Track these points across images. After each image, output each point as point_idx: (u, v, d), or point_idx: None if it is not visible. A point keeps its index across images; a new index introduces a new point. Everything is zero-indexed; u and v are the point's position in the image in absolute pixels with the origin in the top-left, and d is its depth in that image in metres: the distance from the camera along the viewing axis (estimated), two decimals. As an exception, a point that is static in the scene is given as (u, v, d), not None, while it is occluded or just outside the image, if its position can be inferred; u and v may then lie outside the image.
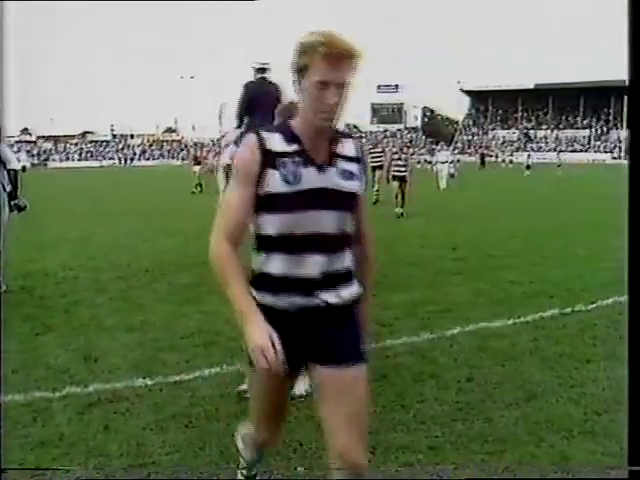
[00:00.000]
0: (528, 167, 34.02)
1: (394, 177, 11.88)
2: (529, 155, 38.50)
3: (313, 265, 1.61)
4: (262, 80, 5.27)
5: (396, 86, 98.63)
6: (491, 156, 78.58)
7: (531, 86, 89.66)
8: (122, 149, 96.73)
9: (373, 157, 14.33)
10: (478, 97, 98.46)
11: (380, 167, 14.05)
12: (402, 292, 5.66)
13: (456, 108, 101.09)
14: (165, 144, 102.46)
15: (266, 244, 1.63)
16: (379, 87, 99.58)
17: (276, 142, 1.58)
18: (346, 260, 1.68)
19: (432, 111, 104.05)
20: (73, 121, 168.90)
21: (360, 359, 1.64)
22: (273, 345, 1.47)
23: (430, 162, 23.27)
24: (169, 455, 2.67)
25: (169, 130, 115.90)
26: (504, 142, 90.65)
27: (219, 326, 4.59)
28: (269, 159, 1.56)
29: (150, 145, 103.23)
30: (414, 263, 7.12)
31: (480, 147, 72.92)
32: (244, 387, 3.00)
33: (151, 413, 3.11)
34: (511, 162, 54.21)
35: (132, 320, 4.79)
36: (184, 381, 3.52)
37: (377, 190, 14.10)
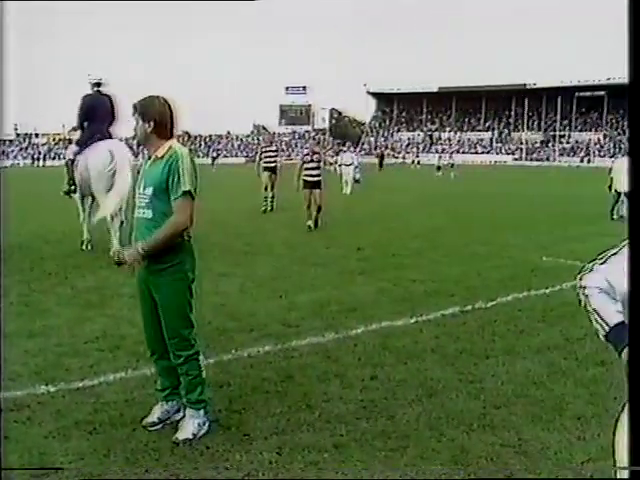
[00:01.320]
0: (439, 168, 35.16)
1: (305, 183, 10.29)
2: (440, 157, 39.30)
3: None
4: (97, 92, 7.50)
5: (304, 88, 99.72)
6: (396, 157, 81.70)
7: (435, 89, 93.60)
8: (26, 148, 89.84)
9: (266, 157, 13.02)
10: (384, 99, 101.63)
11: (273, 169, 12.92)
12: (308, 292, 5.81)
13: (363, 110, 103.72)
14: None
15: None
16: (287, 89, 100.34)
17: None
18: None
19: (340, 113, 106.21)
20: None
21: None
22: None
23: (335, 163, 22.58)
24: (72, 463, 2.63)
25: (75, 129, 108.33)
26: (409, 144, 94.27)
27: (124, 330, 4.50)
28: None
29: (56, 144, 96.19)
30: (320, 264, 7.30)
31: (382, 148, 75.21)
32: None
33: (53, 421, 3.03)
34: (419, 163, 56.61)
35: (34, 325, 4.61)
36: (88, 387, 3.46)
37: (272, 197, 13.04)
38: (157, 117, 2.84)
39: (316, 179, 10.29)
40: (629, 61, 1.52)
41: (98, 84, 7.60)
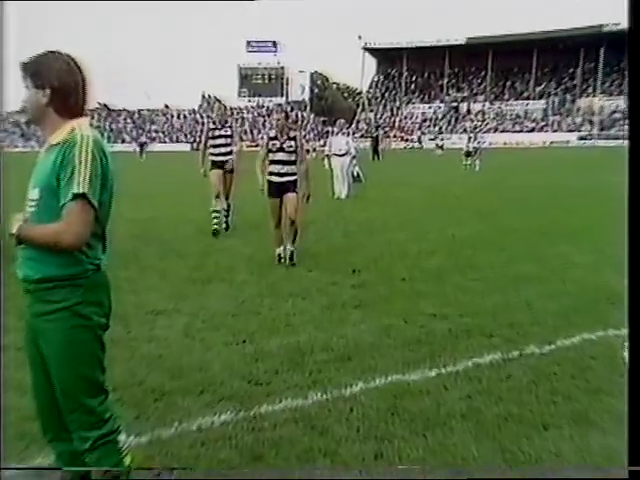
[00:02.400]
0: (469, 154, 35.13)
1: (272, 186, 8.94)
2: (470, 137, 38.75)
3: None
4: None
5: (274, 43, 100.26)
6: (407, 140, 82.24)
7: (462, 41, 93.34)
8: None
9: (215, 146, 11.48)
10: (388, 58, 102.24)
11: (227, 166, 11.53)
12: (283, 335, 5.85)
13: (358, 74, 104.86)
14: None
15: None
16: (249, 44, 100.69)
17: None
18: None
19: (326, 78, 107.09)
20: None
21: None
22: None
23: (323, 152, 21.70)
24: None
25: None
26: (425, 120, 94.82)
27: (6, 399, 4.42)
28: None
29: None
30: (299, 294, 7.35)
31: (379, 128, 75.28)
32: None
33: None
34: (441, 147, 57.02)
35: None
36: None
37: (226, 210, 11.82)
38: (56, 83, 2.72)
39: (288, 179, 8.90)
40: (629, 60, 1.69)
41: None
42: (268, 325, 6.18)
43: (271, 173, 8.94)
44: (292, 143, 8.86)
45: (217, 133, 11.50)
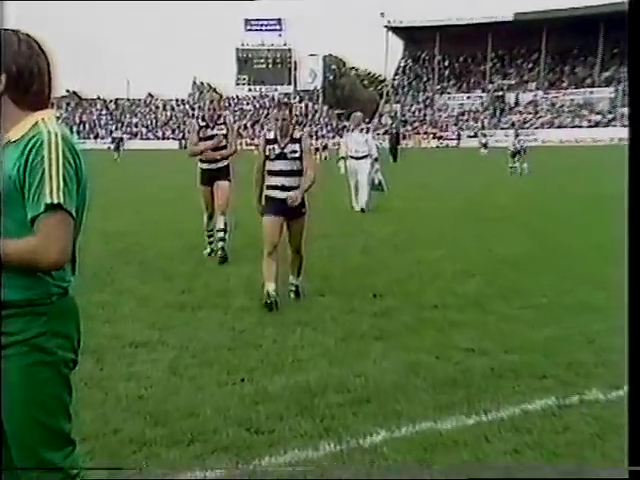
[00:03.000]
0: (515, 155, 34.96)
1: (270, 203, 8.27)
2: (518, 135, 38.69)
3: None
4: None
5: (279, 21, 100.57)
6: (439, 137, 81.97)
7: (509, 17, 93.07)
8: None
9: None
10: (417, 39, 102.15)
11: (221, 174, 11.03)
12: (289, 373, 5.89)
13: (381, 57, 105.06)
14: None
15: None
16: (248, 22, 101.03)
17: None
18: None
19: (342, 63, 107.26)
20: None
21: None
22: None
23: (337, 153, 21.14)
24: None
25: None
26: (463, 113, 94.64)
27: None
28: None
29: None
30: (308, 323, 7.41)
31: (406, 123, 74.85)
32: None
33: None
34: (485, 146, 57.07)
35: None
36: None
37: (222, 231, 10.94)
38: (14, 68, 2.70)
39: (287, 193, 8.07)
40: (629, 60, 1.73)
41: None
42: (271, 361, 6.20)
43: (270, 187, 8.26)
44: (296, 147, 8.14)
45: (209, 133, 10.82)
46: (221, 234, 10.92)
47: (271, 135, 8.32)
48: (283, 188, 8.17)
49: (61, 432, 2.85)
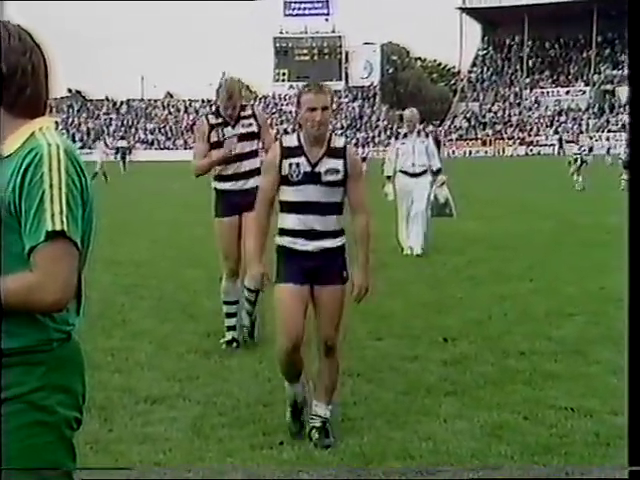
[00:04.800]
0: (627, 167, 34.70)
1: (289, 263, 5.97)
2: None
3: None
4: None
5: (325, 2, 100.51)
6: (529, 144, 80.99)
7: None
8: None
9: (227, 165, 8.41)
10: (500, 21, 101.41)
11: (254, 195, 6.65)
12: (345, 433, 5.95)
13: (454, 45, 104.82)
14: None
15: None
16: (289, 5, 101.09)
17: None
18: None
19: (405, 52, 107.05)
20: None
21: None
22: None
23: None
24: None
25: None
26: (561, 112, 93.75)
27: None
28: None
29: None
30: (362, 373, 7.44)
31: (485, 126, 74.19)
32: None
33: None
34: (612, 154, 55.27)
35: None
36: None
37: (252, 295, 8.48)
38: (5, 67, 2.70)
39: (326, 245, 5.95)
40: (630, 61, 1.79)
41: None
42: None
43: (286, 231, 5.97)
44: (338, 164, 5.86)
45: (229, 134, 8.33)
46: (251, 297, 8.48)
47: (292, 142, 5.98)
48: (311, 234, 5.87)
49: None
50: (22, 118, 2.74)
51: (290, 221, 5.92)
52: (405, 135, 16.18)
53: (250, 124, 8.43)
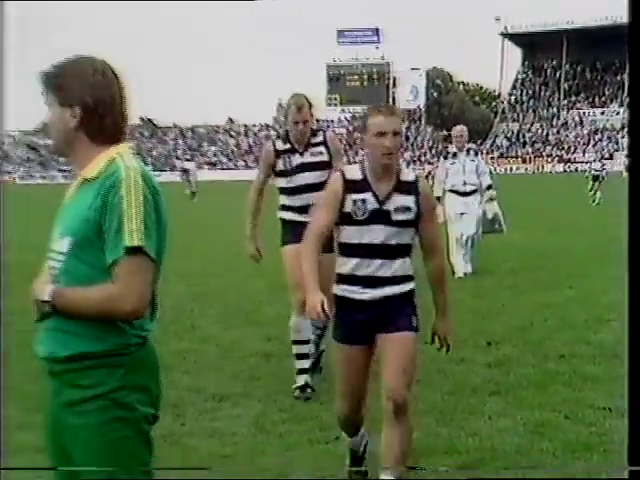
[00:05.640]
0: None
1: (343, 313, 4.82)
2: None
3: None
4: None
5: (375, 31, 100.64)
6: (567, 160, 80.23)
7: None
8: None
9: (293, 189, 7.25)
10: (539, 46, 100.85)
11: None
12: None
13: (495, 69, 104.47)
14: None
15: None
16: (342, 34, 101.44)
17: None
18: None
19: (449, 77, 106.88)
20: None
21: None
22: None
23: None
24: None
25: None
26: (597, 131, 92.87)
27: None
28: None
29: None
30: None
31: (525, 144, 73.26)
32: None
33: None
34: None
35: None
36: None
37: (319, 332, 7.41)
38: (88, 99, 2.81)
39: (391, 291, 4.73)
40: (630, 61, 1.81)
41: None
42: (370, 417, 6.15)
43: (345, 279, 4.76)
44: (409, 201, 4.68)
45: (296, 162, 7.19)
46: (317, 332, 7.40)
47: (356, 174, 4.72)
48: (374, 281, 4.67)
49: None
50: (103, 145, 2.85)
51: (351, 266, 4.63)
52: (455, 154, 14.56)
53: (320, 152, 7.22)
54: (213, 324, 9.91)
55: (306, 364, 7.07)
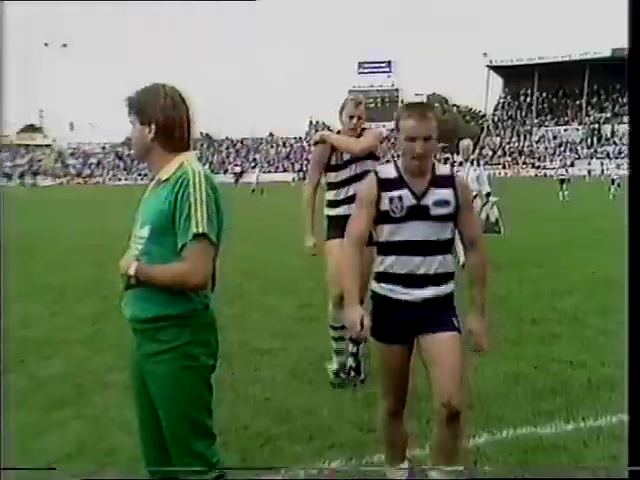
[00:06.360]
0: (614, 182, 34.54)
1: (383, 312, 3.80)
2: (618, 165, 38.33)
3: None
4: None
5: (388, 63, 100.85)
6: (538, 167, 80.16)
7: (607, 53, 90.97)
8: None
9: (337, 183, 6.13)
10: (516, 76, 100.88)
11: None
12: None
13: (482, 94, 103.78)
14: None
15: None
16: (362, 66, 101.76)
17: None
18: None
19: (445, 100, 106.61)
20: None
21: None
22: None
23: None
24: None
25: (30, 129, 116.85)
26: (561, 144, 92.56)
27: (113, 439, 4.71)
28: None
29: None
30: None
31: (505, 154, 73.43)
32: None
33: None
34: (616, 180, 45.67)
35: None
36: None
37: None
38: (161, 118, 2.94)
39: (434, 293, 3.75)
40: (629, 61, 1.70)
41: None
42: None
43: (383, 277, 3.78)
44: (448, 195, 3.72)
45: (347, 156, 6.06)
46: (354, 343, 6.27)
47: (390, 173, 3.77)
48: (415, 280, 3.70)
49: (204, 426, 3.01)
50: (173, 153, 2.97)
51: (390, 264, 3.71)
52: (460, 163, 14.39)
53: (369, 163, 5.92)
54: (257, 293, 9.91)
55: (342, 345, 6.11)
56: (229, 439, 4.53)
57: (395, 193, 3.64)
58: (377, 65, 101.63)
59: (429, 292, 3.65)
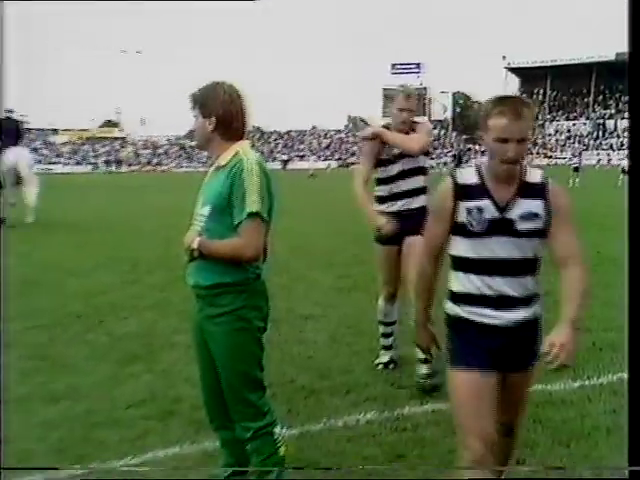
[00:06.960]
0: (624, 171, 33.83)
1: (465, 337, 2.89)
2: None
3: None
4: (7, 118, 15.31)
5: (417, 65, 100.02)
6: (550, 157, 78.91)
7: (610, 57, 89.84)
8: (39, 149, 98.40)
9: (385, 178, 5.17)
10: (531, 77, 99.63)
11: (419, 218, 4.16)
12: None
13: (500, 92, 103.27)
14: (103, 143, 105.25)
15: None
16: (394, 67, 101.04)
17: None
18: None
19: (467, 97, 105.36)
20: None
21: None
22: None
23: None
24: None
25: (108, 124, 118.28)
26: (570, 137, 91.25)
27: (178, 390, 4.74)
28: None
29: (82, 144, 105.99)
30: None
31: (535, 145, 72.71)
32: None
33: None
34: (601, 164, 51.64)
35: (56, 386, 4.88)
36: (130, 467, 3.62)
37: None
38: (220, 112, 2.96)
39: (514, 317, 2.87)
40: (629, 62, 1.68)
41: (10, 111, 15.47)
42: (410, 334, 6.15)
43: (466, 299, 2.87)
44: (537, 207, 2.80)
45: (396, 150, 5.06)
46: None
47: (470, 178, 2.83)
48: (499, 302, 2.83)
49: (256, 379, 3.05)
50: (231, 141, 2.99)
51: (468, 284, 2.83)
52: (483, 152, 13.51)
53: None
54: (302, 267, 9.87)
55: (390, 341, 5.43)
56: (277, 392, 4.53)
57: (474, 203, 2.76)
58: (408, 66, 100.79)
59: (519, 314, 2.85)
